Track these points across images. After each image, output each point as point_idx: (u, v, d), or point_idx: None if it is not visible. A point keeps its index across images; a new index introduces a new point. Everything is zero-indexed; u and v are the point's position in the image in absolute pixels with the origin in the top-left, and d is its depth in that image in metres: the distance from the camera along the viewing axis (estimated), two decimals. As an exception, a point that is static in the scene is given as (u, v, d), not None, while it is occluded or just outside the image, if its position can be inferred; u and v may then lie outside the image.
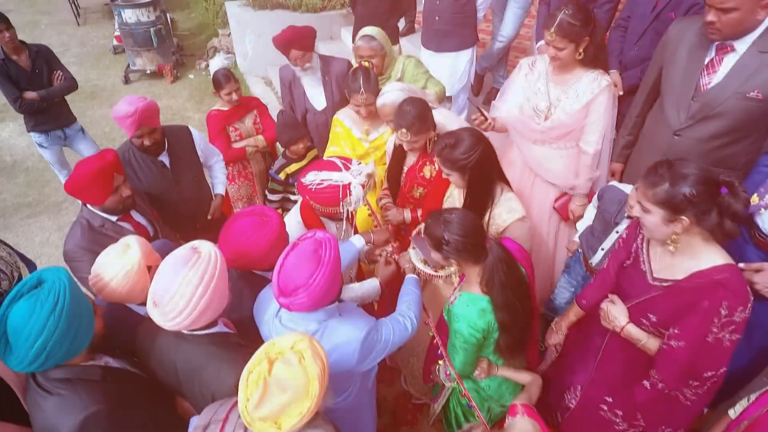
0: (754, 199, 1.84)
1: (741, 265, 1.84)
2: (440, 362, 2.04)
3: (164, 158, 2.67)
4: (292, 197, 3.18)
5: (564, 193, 2.56)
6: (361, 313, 1.73)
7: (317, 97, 3.18)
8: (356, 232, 2.24)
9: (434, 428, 2.76)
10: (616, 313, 1.66)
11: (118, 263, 1.63)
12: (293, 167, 3.05)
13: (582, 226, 2.36)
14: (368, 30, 2.88)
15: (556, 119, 2.34)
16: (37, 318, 1.29)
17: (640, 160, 2.43)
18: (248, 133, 3.35)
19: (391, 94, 2.40)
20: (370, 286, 2.08)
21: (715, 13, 1.87)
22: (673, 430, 1.70)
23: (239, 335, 1.70)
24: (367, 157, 2.71)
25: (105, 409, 1.37)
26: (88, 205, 2.22)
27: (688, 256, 1.50)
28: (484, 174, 2.00)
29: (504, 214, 2.00)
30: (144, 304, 1.53)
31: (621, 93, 2.72)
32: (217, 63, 6.72)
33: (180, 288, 1.40)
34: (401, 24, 4.82)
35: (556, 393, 2.03)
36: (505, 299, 1.70)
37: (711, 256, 1.47)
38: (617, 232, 2.05)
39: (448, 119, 2.44)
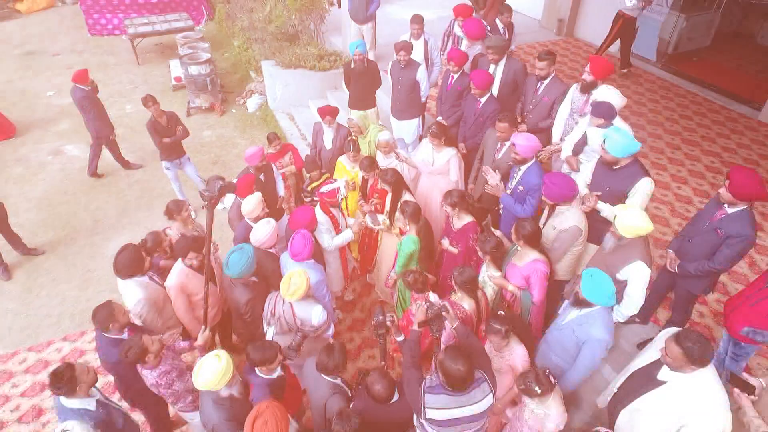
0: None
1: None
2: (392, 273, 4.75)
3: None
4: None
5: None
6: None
7: (329, 144, 5.93)
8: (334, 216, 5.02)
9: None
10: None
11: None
12: (314, 184, 5.80)
13: None
14: (352, 114, 5.74)
15: (435, 167, 5.14)
16: None
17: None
18: (286, 164, 6.08)
19: (384, 134, 5.24)
20: (343, 238, 4.82)
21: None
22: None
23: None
24: (354, 177, 5.40)
25: None
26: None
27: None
28: (397, 190, 4.75)
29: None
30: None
31: (465, 151, 5.54)
32: (254, 102, 9.42)
33: None
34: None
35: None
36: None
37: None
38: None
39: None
